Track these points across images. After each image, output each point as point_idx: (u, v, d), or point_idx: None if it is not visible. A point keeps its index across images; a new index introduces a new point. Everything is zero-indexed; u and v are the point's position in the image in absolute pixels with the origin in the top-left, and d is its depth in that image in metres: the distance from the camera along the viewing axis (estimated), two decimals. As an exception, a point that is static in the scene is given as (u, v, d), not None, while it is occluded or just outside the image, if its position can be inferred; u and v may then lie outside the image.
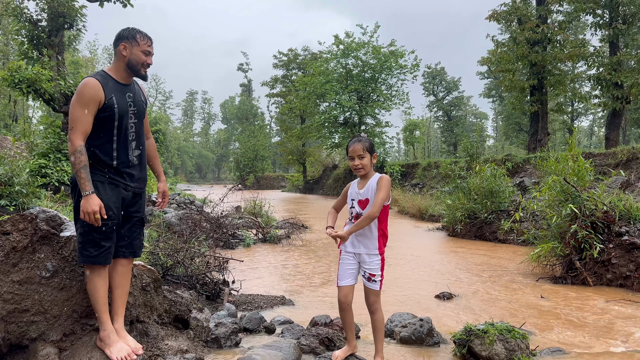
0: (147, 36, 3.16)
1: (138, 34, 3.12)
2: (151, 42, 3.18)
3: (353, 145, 3.38)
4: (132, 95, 3.16)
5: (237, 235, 10.65)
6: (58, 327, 3.02)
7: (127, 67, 3.12)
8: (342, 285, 3.40)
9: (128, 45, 3.09)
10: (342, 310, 3.43)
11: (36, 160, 12.37)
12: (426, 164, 29.19)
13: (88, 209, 2.82)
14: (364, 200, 3.39)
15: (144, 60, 3.13)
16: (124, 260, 3.19)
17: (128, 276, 3.23)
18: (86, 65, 45.27)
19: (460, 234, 12.02)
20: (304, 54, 56.00)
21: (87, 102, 2.92)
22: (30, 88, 12.65)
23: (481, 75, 52.25)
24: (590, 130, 66.98)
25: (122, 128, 3.07)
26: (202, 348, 3.69)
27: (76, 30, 15.40)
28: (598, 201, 6.96)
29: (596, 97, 24.39)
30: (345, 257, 3.45)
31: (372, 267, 3.34)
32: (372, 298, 3.37)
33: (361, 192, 3.41)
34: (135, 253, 3.26)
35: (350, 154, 3.40)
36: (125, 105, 3.09)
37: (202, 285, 5.52)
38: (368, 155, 3.37)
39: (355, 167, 3.37)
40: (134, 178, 3.17)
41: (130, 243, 3.21)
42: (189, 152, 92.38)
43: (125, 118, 3.10)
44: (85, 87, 2.94)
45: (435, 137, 78.14)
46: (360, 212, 3.39)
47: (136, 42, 3.10)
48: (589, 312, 5.31)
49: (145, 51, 3.13)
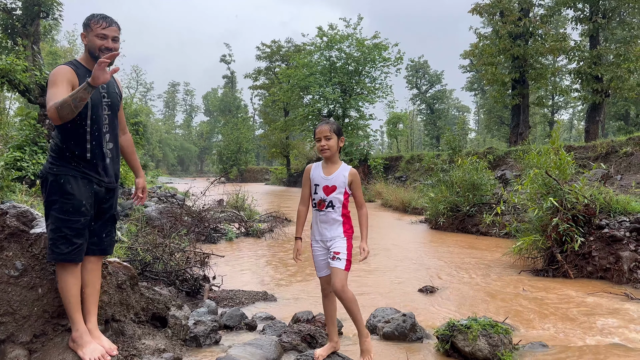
0: (102, 18, 2.99)
1: (92, 19, 2.99)
2: (107, 24, 2.98)
3: (321, 126, 3.37)
4: (105, 86, 3.03)
5: (220, 229, 10.52)
6: (28, 328, 2.89)
7: (89, 55, 3.01)
8: (321, 276, 3.44)
9: (85, 33, 3.00)
10: (324, 297, 3.45)
11: (11, 152, 12.04)
12: (409, 157, 29.30)
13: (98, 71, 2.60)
14: (330, 186, 3.34)
15: (100, 45, 2.97)
16: (93, 258, 3.07)
17: (98, 274, 3.11)
18: (65, 56, 44.35)
19: (442, 226, 12.05)
20: (287, 45, 55.59)
21: (61, 81, 2.82)
22: (4, 79, 12.29)
23: (464, 69, 52.58)
24: (570, 124, 67.90)
25: (95, 119, 2.95)
26: (181, 347, 3.60)
27: (52, 19, 15.01)
28: (579, 194, 7.00)
29: (576, 91, 24.72)
30: (315, 247, 3.44)
31: (337, 246, 3.29)
32: (338, 279, 3.19)
33: (329, 177, 3.35)
34: (105, 251, 3.14)
35: (317, 135, 3.37)
36: (99, 95, 2.98)
37: (181, 282, 5.41)
38: (335, 137, 3.35)
39: (321, 148, 3.33)
40: (108, 172, 3.05)
41: (100, 240, 3.09)
42: (170, 145, 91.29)
43: (100, 108, 2.98)
44: (55, 72, 2.86)
45: (418, 130, 78.49)
46: (324, 198, 3.33)
47: (89, 28, 2.98)
48: (570, 305, 5.34)
49: (100, 34, 2.96)
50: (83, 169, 2.92)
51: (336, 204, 3.32)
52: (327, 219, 3.33)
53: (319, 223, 3.38)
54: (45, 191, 2.91)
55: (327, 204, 3.32)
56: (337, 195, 3.31)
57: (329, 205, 3.32)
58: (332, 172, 3.36)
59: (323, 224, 3.35)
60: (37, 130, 12.95)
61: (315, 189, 3.39)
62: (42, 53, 15.90)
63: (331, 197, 3.32)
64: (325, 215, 3.33)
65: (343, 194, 3.32)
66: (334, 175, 3.34)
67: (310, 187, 3.44)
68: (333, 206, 3.32)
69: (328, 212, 3.33)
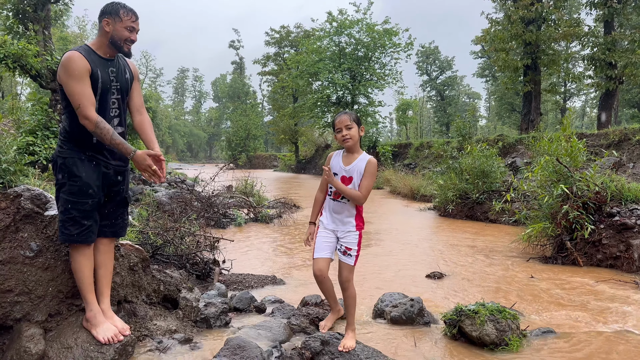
0: (131, 11, 3.02)
1: (122, 9, 2.99)
2: (136, 17, 3.04)
3: (340, 117, 3.33)
4: (114, 71, 3.06)
5: (229, 214, 10.58)
6: (43, 308, 2.96)
7: (110, 43, 3.01)
8: (318, 257, 3.39)
9: (111, 21, 2.97)
10: (319, 283, 3.47)
11: (24, 137, 12.14)
12: (419, 144, 29.17)
13: (142, 167, 2.87)
14: (347, 177, 3.31)
15: (127, 37, 3.00)
16: (106, 240, 3.12)
17: (111, 255, 3.17)
18: (75, 41, 44.45)
19: (451, 214, 12.04)
20: (296, 31, 55.25)
21: (81, 75, 2.83)
22: (16, 64, 12.36)
23: (475, 55, 52.01)
24: (583, 111, 67.15)
25: (103, 103, 2.98)
26: (192, 328, 3.65)
27: (63, 4, 15.02)
28: (590, 182, 6.96)
29: (589, 78, 24.37)
30: (322, 230, 3.44)
31: (349, 242, 3.32)
32: (345, 273, 3.32)
33: (347, 168, 3.33)
34: (117, 233, 3.19)
35: (337, 125, 3.33)
36: (108, 80, 3.00)
37: (192, 265, 5.48)
38: (355, 126, 3.31)
39: (343, 138, 3.29)
40: (115, 155, 3.08)
41: (112, 223, 3.14)
42: (180, 131, 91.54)
43: (108, 93, 3.01)
44: (71, 61, 2.82)
45: (428, 117, 78.01)
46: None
47: (119, 17, 2.97)
48: (579, 293, 5.34)
49: (129, 27, 3.00)
50: (90, 152, 2.96)
51: None
52: (342, 209, 3.31)
53: (332, 212, 3.35)
54: (55, 174, 2.97)
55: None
56: (353, 186, 3.29)
57: (344, 196, 3.30)
58: (351, 162, 3.32)
59: (336, 214, 3.34)
60: (48, 115, 13.04)
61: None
62: (53, 38, 15.93)
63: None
64: (340, 205, 3.31)
65: (359, 185, 3.30)
66: (352, 165, 3.31)
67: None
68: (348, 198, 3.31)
69: (343, 203, 3.31)
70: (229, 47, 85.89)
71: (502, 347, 3.54)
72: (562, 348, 3.68)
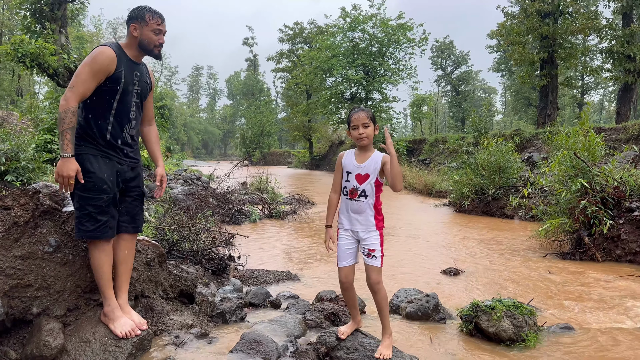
0: (157, 14, 3.06)
1: (147, 13, 3.02)
2: (162, 20, 3.08)
3: (357, 113, 3.25)
4: (138, 75, 3.10)
5: (243, 211, 10.64)
6: (62, 302, 3.00)
7: (139, 48, 3.05)
8: (342, 266, 3.28)
9: (138, 26, 3.01)
10: (344, 290, 3.34)
11: (41, 135, 12.31)
12: (433, 139, 28.97)
13: (63, 172, 2.76)
14: (363, 175, 3.24)
15: (155, 40, 3.05)
16: (128, 236, 3.16)
17: (132, 252, 3.20)
18: (91, 40, 44.96)
19: (467, 209, 11.95)
20: (310, 27, 55.18)
21: (98, 70, 2.87)
22: (33, 62, 12.54)
23: (490, 49, 51.42)
24: (601, 105, 66.09)
25: (122, 103, 3.02)
26: (208, 323, 3.68)
27: (79, 3, 15.19)
28: (609, 176, 6.85)
29: (607, 71, 23.96)
30: (342, 236, 3.31)
31: (371, 243, 3.21)
32: (374, 276, 3.20)
33: (362, 165, 3.25)
34: (138, 228, 3.22)
35: (354, 122, 3.24)
36: (131, 82, 3.04)
37: (207, 261, 5.52)
38: (372, 125, 3.24)
39: (359, 137, 3.23)
40: (127, 154, 3.12)
41: (132, 218, 3.17)
42: (195, 128, 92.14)
43: (129, 95, 3.04)
44: (101, 54, 2.88)
45: (442, 112, 77.43)
46: (356, 187, 3.25)
47: (145, 22, 3.01)
48: (598, 288, 5.27)
49: (156, 30, 3.04)
50: (103, 148, 2.99)
51: (369, 193, 3.22)
52: (360, 209, 3.23)
53: (350, 212, 3.27)
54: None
55: (360, 192, 3.22)
56: (370, 183, 3.23)
57: (361, 194, 3.22)
58: (365, 159, 3.26)
59: (355, 214, 3.26)
60: (65, 114, 13.21)
61: (348, 177, 3.30)
62: (70, 37, 16.12)
63: (364, 186, 3.22)
64: (357, 204, 3.24)
65: (375, 182, 3.23)
66: (366, 162, 3.24)
67: (342, 175, 3.36)
68: (366, 195, 3.22)
69: (360, 202, 3.23)
70: (243, 44, 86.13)
71: (519, 343, 3.51)
72: (580, 344, 3.64)
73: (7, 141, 9.11)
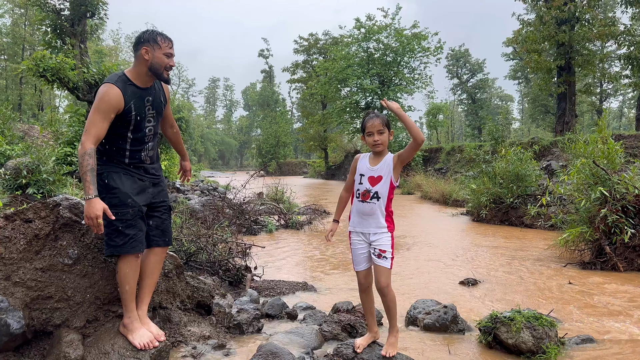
0: (167, 38, 3.11)
1: (159, 36, 3.07)
2: (172, 43, 3.14)
3: (372, 120, 3.25)
4: (150, 99, 3.13)
5: (260, 221, 10.67)
6: (81, 314, 3.04)
7: (149, 71, 3.07)
8: (359, 270, 3.34)
9: (150, 49, 3.03)
10: (362, 292, 3.36)
11: (62, 148, 12.57)
12: (450, 148, 28.81)
13: (91, 214, 2.75)
14: (376, 177, 3.25)
15: (166, 63, 3.09)
16: (159, 250, 3.21)
17: (160, 265, 3.25)
18: (110, 54, 45.81)
19: (485, 219, 11.82)
20: (324, 38, 55.50)
21: (107, 110, 2.90)
22: (54, 77, 12.81)
23: (506, 57, 51.11)
24: (620, 112, 65.10)
25: (137, 131, 3.09)
26: (225, 334, 3.69)
27: (98, 18, 15.50)
28: (629, 184, 6.73)
29: (626, 77, 23.65)
30: (355, 240, 3.33)
31: (382, 243, 3.21)
32: (383, 278, 3.20)
33: (374, 167, 3.26)
34: (169, 241, 3.28)
35: (369, 129, 3.25)
36: (143, 110, 3.09)
37: (224, 271, 5.54)
38: (387, 131, 3.24)
39: (374, 143, 3.24)
40: (148, 171, 3.21)
41: (163, 232, 3.23)
42: (212, 139, 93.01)
43: (143, 122, 3.11)
44: (106, 95, 2.91)
45: (459, 120, 77.01)
46: (369, 189, 3.25)
47: (158, 45, 3.04)
48: (620, 299, 5.16)
49: (167, 53, 3.08)
50: (124, 166, 3.07)
51: (382, 196, 3.22)
52: (371, 211, 3.23)
53: (361, 215, 3.27)
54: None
55: (372, 195, 3.23)
56: (382, 186, 3.22)
57: (374, 196, 3.23)
58: (378, 162, 3.27)
59: (366, 216, 3.26)
60: (85, 126, 13.45)
61: (361, 179, 3.31)
62: (89, 52, 16.44)
63: (377, 188, 3.23)
64: (369, 206, 3.24)
65: (389, 185, 3.22)
66: (379, 165, 3.25)
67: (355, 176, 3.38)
68: (378, 198, 3.22)
69: (372, 204, 3.23)
70: (259, 56, 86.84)
71: (539, 355, 3.45)
72: (602, 357, 3.56)
73: (29, 154, 9.31)
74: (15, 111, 29.96)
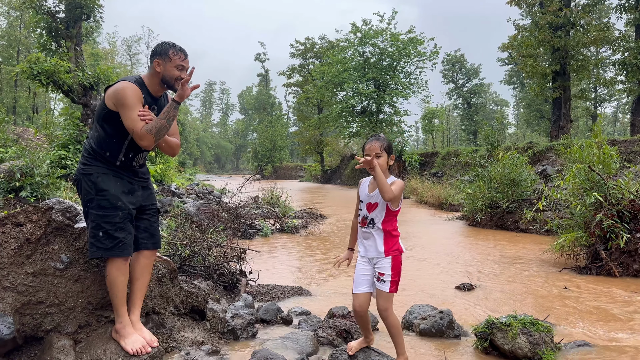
0: (180, 50, 3.11)
1: (171, 49, 3.08)
2: (185, 56, 3.12)
3: (370, 143, 3.20)
4: (156, 109, 3.16)
5: (255, 225, 10.63)
6: (73, 319, 2.99)
7: (161, 82, 3.10)
8: (357, 292, 3.24)
9: (161, 62, 3.06)
10: (357, 317, 3.30)
11: (56, 151, 12.49)
12: (445, 152, 28.84)
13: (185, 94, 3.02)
14: (372, 204, 3.19)
15: (177, 75, 3.08)
16: (148, 253, 3.17)
17: (150, 269, 3.21)
18: (105, 57, 45.71)
19: (480, 223, 11.82)
20: (320, 42, 55.60)
21: (134, 103, 2.91)
22: (49, 80, 12.75)
23: (502, 62, 51.35)
24: (615, 117, 65.46)
25: None
26: (219, 339, 3.65)
27: (94, 21, 15.46)
28: (625, 189, 6.74)
29: (621, 83, 23.81)
30: (360, 262, 3.30)
31: (382, 267, 3.16)
32: (381, 302, 3.14)
33: (371, 195, 3.22)
34: (157, 244, 3.24)
35: (366, 151, 3.19)
36: None
37: (219, 276, 5.50)
38: (385, 155, 3.18)
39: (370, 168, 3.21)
40: (137, 174, 3.19)
41: (151, 235, 3.19)
42: (207, 143, 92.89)
43: None
44: (126, 90, 2.91)
45: (454, 125, 77.23)
46: (366, 216, 3.20)
47: (169, 57, 3.06)
48: (615, 304, 5.15)
49: (179, 66, 3.08)
50: (113, 168, 3.04)
51: (377, 221, 3.18)
52: (368, 236, 3.22)
53: (362, 239, 3.27)
54: (81, 192, 3.01)
55: (369, 221, 3.20)
56: (378, 212, 3.18)
57: (370, 222, 3.20)
58: (375, 188, 3.20)
59: (365, 241, 3.24)
60: (80, 130, 13.38)
61: (361, 206, 3.30)
62: (84, 55, 16.39)
63: (372, 215, 3.19)
64: (367, 232, 3.22)
65: (384, 212, 3.16)
66: (376, 192, 3.18)
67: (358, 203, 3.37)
68: (374, 224, 3.19)
69: (369, 229, 3.20)
70: (255, 60, 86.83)
71: (535, 361, 3.43)
72: (599, 363, 3.54)
73: (22, 157, 9.24)
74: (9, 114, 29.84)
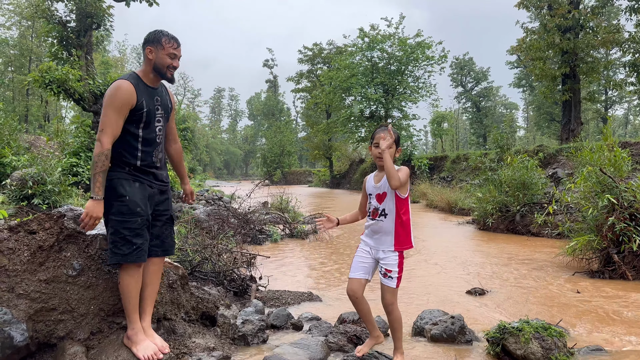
0: (173, 38, 3.13)
1: (164, 37, 3.09)
2: (177, 44, 3.14)
3: (380, 132, 3.27)
4: (159, 99, 3.16)
5: (265, 230, 10.64)
6: (85, 326, 3.02)
7: (153, 70, 3.11)
8: (352, 277, 3.33)
9: (154, 49, 3.07)
10: (353, 303, 3.37)
11: (68, 159, 12.60)
12: (455, 156, 28.74)
13: (93, 214, 2.83)
14: (381, 194, 3.25)
15: (169, 63, 3.10)
16: (156, 259, 3.18)
17: (159, 275, 3.23)
18: (116, 65, 46.17)
19: (491, 227, 11.75)
20: (328, 48, 55.75)
21: (121, 106, 2.91)
22: (60, 88, 12.89)
23: (511, 65, 51.13)
24: (625, 119, 64.87)
25: (148, 130, 3.08)
26: (230, 345, 3.66)
27: (104, 30, 15.62)
28: (637, 192, 6.67)
29: (631, 85, 23.59)
30: (361, 250, 3.38)
31: (389, 263, 3.23)
32: (388, 296, 3.23)
33: (378, 185, 3.28)
34: (168, 251, 3.25)
35: (376, 140, 3.27)
36: (153, 109, 3.11)
37: (229, 282, 5.51)
38: (394, 146, 3.24)
39: (378, 155, 3.25)
40: (157, 177, 3.18)
41: (162, 242, 3.20)
42: (217, 149, 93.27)
43: (153, 121, 3.11)
44: (119, 90, 2.92)
45: (464, 128, 76.95)
46: (377, 207, 3.26)
47: (161, 45, 3.07)
48: (629, 308, 5.09)
49: (171, 54, 3.10)
50: (134, 172, 3.04)
51: (389, 212, 3.22)
52: (379, 229, 3.25)
53: (373, 232, 3.30)
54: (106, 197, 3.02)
55: (380, 212, 3.24)
56: (388, 202, 3.22)
57: (382, 213, 3.24)
58: (381, 179, 3.27)
59: (375, 234, 3.28)
60: (91, 137, 13.50)
61: (370, 199, 3.37)
62: (95, 63, 16.56)
63: (384, 205, 3.24)
64: (377, 224, 3.25)
65: (394, 200, 3.21)
66: (382, 181, 3.25)
67: (366, 197, 3.44)
68: (386, 215, 3.23)
69: (380, 221, 3.24)
70: (263, 66, 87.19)
71: (548, 367, 3.39)
72: (613, 368, 3.50)
73: (35, 165, 9.34)
74: (21, 122, 30.19)
